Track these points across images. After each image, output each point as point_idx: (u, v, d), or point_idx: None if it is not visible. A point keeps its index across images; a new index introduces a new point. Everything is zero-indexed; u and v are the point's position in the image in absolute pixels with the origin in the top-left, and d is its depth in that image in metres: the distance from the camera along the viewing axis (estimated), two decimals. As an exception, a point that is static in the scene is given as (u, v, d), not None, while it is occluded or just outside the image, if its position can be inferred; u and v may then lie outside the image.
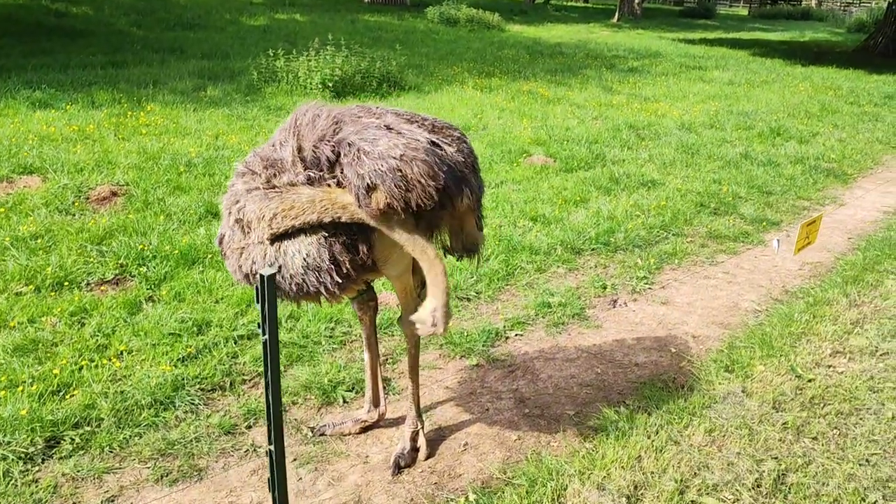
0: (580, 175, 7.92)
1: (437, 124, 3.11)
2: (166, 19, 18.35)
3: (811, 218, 4.56)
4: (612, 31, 28.30)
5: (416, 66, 14.28)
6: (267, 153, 2.89)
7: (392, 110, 3.04)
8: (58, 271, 4.79)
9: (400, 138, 2.71)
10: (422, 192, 2.65)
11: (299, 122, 2.89)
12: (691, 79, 16.11)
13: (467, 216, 3.20)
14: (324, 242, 2.77)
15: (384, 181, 2.62)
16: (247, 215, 2.80)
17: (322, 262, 2.76)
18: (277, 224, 2.74)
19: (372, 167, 2.63)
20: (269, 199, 2.77)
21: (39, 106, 8.87)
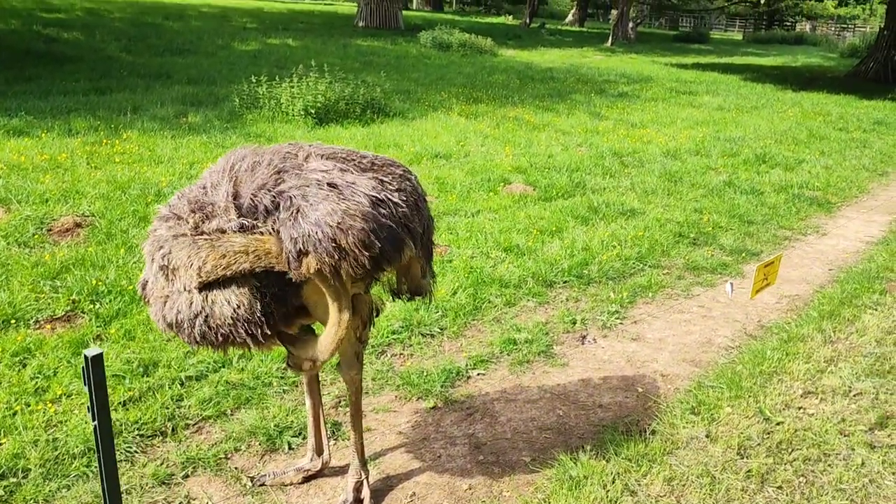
0: (559, 204, 7.80)
1: (377, 162, 3.01)
2: (157, 45, 18.36)
3: (769, 259, 4.42)
4: (606, 55, 28.39)
5: (404, 92, 14.23)
6: (196, 196, 2.77)
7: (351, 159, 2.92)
8: (5, 308, 4.64)
9: (341, 203, 2.60)
10: (353, 261, 2.58)
11: (236, 168, 2.78)
12: (681, 104, 16.07)
13: (412, 263, 3.10)
14: (255, 293, 2.65)
15: (316, 248, 2.53)
16: (172, 262, 2.66)
17: (253, 313, 2.64)
18: (207, 273, 2.61)
19: (306, 231, 2.54)
20: (198, 246, 2.64)
21: (14, 134, 8.76)
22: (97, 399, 2.11)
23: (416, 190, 3.13)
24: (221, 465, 3.52)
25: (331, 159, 2.85)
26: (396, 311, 5.03)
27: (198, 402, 3.91)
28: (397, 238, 2.76)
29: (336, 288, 2.64)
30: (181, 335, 2.69)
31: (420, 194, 3.17)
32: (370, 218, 2.63)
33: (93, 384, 2.09)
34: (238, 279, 2.63)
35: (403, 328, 4.89)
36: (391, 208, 2.81)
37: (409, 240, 2.87)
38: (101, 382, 2.10)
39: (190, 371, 4.16)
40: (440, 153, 9.46)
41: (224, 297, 2.63)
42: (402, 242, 2.81)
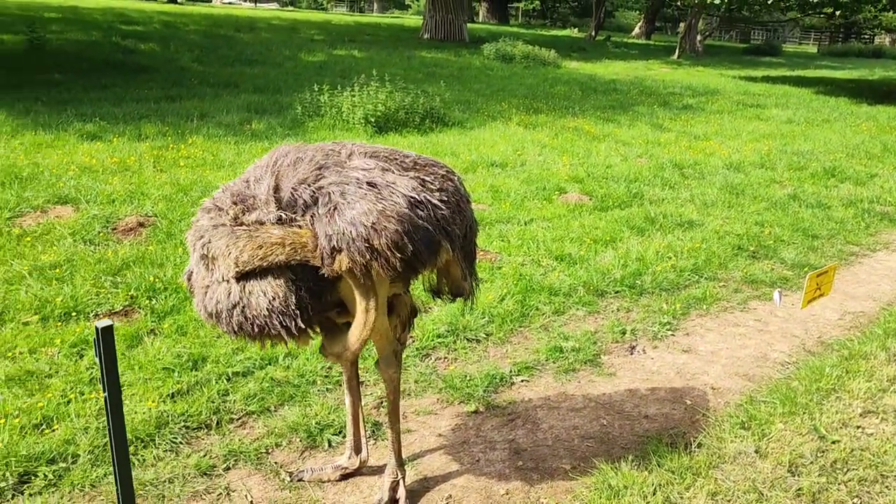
0: (614, 214, 7.69)
1: (419, 161, 3.02)
2: (227, 56, 18.90)
3: (823, 268, 4.25)
4: (672, 67, 27.95)
5: (464, 102, 14.29)
6: (238, 189, 2.83)
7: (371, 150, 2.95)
8: (68, 301, 4.83)
9: (378, 203, 2.62)
10: (385, 262, 2.59)
11: (279, 163, 2.83)
12: (747, 117, 15.68)
13: (451, 265, 3.09)
14: (290, 285, 2.68)
15: (349, 247, 2.56)
16: (212, 252, 2.73)
17: (288, 305, 2.68)
18: (244, 262, 2.66)
19: (341, 229, 2.57)
20: (236, 236, 2.70)
21: (88, 138, 9.14)
22: (107, 371, 2.17)
23: (459, 191, 3.12)
24: (262, 459, 3.57)
25: (373, 158, 2.87)
26: (443, 315, 5.03)
27: (243, 398, 3.99)
28: (432, 241, 2.76)
29: (366, 287, 2.65)
30: (220, 325, 2.75)
31: (462, 195, 3.16)
32: (406, 220, 2.64)
33: (103, 356, 2.14)
34: (274, 271, 2.67)
35: (449, 332, 4.89)
36: (430, 210, 2.80)
37: (447, 242, 2.86)
38: (111, 354, 2.16)
39: (237, 367, 4.24)
40: (496, 162, 9.45)
41: (260, 289, 2.68)
42: (438, 245, 2.80)
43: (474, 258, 3.37)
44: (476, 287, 3.43)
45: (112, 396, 2.19)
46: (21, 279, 5.11)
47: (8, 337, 4.37)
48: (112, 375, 2.17)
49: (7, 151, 8.23)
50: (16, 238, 5.84)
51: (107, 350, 2.13)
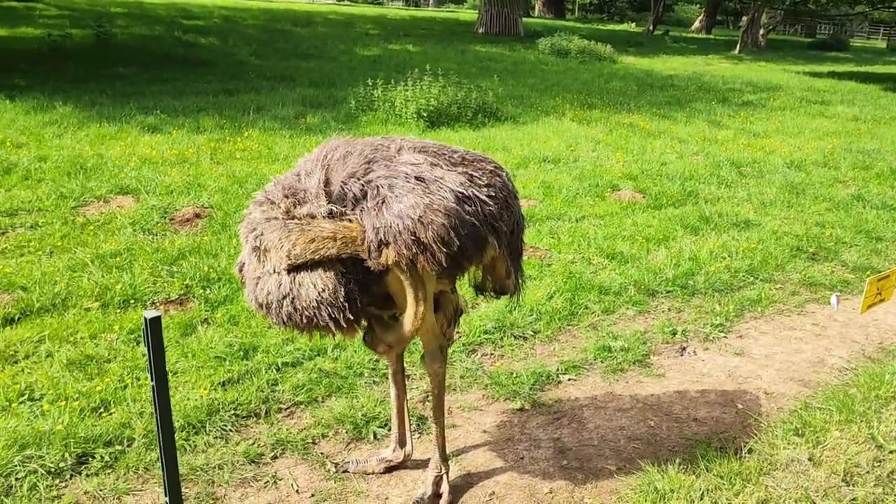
0: (668, 212, 7.56)
1: (467, 157, 3.02)
2: (284, 49, 19.19)
3: (885, 272, 4.10)
4: (733, 63, 27.30)
5: (517, 97, 14.21)
6: (290, 182, 2.87)
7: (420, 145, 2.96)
8: (127, 289, 4.98)
9: (426, 197, 2.64)
10: (431, 256, 2.60)
11: (329, 157, 2.86)
12: (811, 114, 15.22)
13: (497, 262, 3.09)
14: (340, 278, 2.71)
15: (396, 240, 2.58)
16: (264, 244, 2.78)
17: (336, 297, 2.70)
18: (296, 255, 2.70)
19: (388, 222, 2.59)
20: (288, 229, 2.74)
21: (149, 130, 9.38)
22: (155, 359, 2.23)
23: (507, 186, 3.12)
24: (308, 449, 3.62)
25: (422, 153, 2.88)
26: (490, 312, 5.03)
27: (291, 388, 4.05)
28: (479, 237, 2.76)
29: (414, 279, 2.67)
30: (270, 315, 2.79)
31: (510, 191, 3.15)
32: (453, 214, 2.64)
33: (151, 345, 2.20)
34: (324, 264, 2.70)
35: (496, 328, 4.88)
36: (478, 205, 2.80)
37: (493, 239, 2.86)
38: (159, 343, 2.23)
39: (286, 357, 4.31)
40: (548, 157, 9.38)
41: (310, 280, 2.71)
42: (484, 241, 2.80)
43: (521, 255, 3.36)
44: (522, 284, 3.42)
45: (159, 384, 2.25)
46: (84, 267, 5.28)
47: (70, 322, 4.53)
48: (159, 364, 2.23)
49: (73, 143, 8.51)
50: (80, 227, 6.04)
51: (155, 339, 2.19)
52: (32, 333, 4.38)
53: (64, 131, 9.03)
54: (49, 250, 5.58)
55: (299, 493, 3.33)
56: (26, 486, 3.18)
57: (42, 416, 3.61)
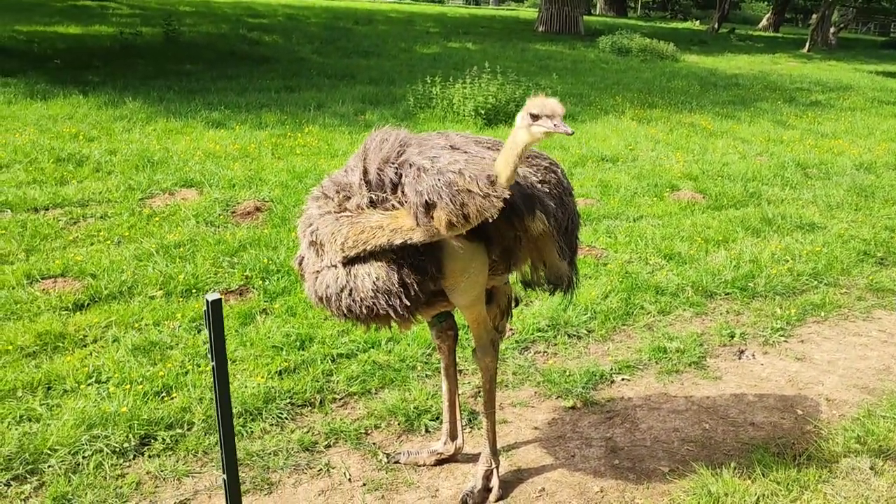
0: (729, 213, 7.41)
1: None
2: (345, 47, 19.41)
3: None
4: (801, 61, 26.50)
5: (576, 95, 14.10)
6: (339, 178, 2.93)
7: (473, 138, 2.98)
8: (190, 279, 5.13)
9: (463, 155, 2.66)
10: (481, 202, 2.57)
11: (368, 147, 2.90)
12: (883, 115, 14.68)
13: (546, 244, 3.03)
14: (392, 265, 2.74)
15: (441, 196, 2.58)
16: (320, 238, 2.84)
17: (391, 284, 2.73)
18: (349, 247, 2.75)
19: (430, 183, 2.61)
20: (339, 223, 2.79)
21: (213, 126, 9.63)
22: (215, 340, 2.31)
23: (562, 183, 3.12)
24: (361, 439, 3.68)
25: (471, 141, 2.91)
26: (543, 310, 5.01)
27: (345, 379, 4.12)
28: (528, 194, 2.79)
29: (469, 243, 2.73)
30: (330, 308, 2.84)
31: (565, 187, 3.16)
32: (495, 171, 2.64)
33: (212, 327, 2.27)
34: (377, 254, 2.74)
35: (549, 326, 4.87)
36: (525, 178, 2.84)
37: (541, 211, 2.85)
38: (219, 325, 2.30)
39: (341, 349, 4.38)
40: (607, 156, 9.29)
41: (364, 271, 2.75)
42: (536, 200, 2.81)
43: (576, 252, 3.35)
44: (577, 282, 3.41)
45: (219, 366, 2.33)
46: (149, 256, 5.46)
47: (136, 309, 4.69)
48: (220, 346, 2.31)
49: (141, 137, 8.80)
50: (146, 218, 6.24)
51: (216, 322, 2.27)
52: (100, 319, 4.55)
53: (133, 126, 9.34)
54: (117, 240, 5.79)
55: (351, 481, 3.39)
56: (92, 465, 3.32)
57: (108, 398, 3.76)
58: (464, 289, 2.89)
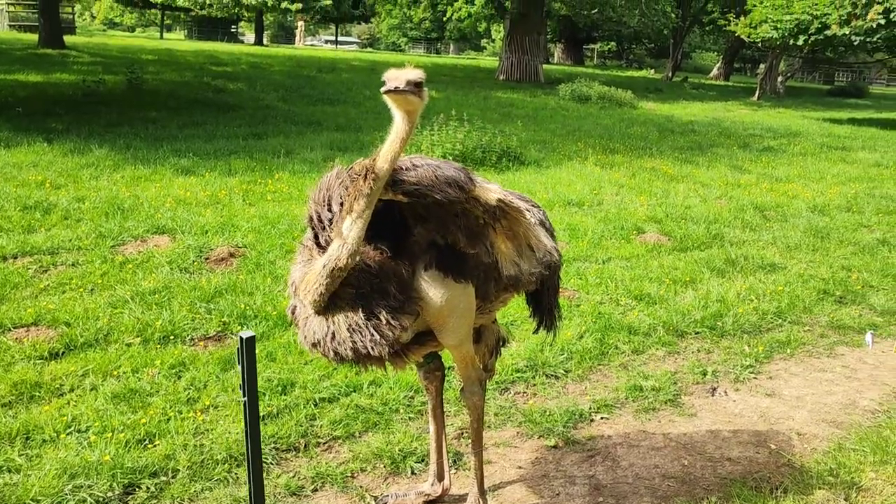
0: (694, 255, 7.63)
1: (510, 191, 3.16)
2: (310, 95, 19.62)
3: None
4: (752, 109, 27.49)
5: (540, 142, 14.42)
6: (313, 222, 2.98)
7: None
8: (167, 325, 5.10)
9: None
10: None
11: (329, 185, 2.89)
12: (832, 160, 15.29)
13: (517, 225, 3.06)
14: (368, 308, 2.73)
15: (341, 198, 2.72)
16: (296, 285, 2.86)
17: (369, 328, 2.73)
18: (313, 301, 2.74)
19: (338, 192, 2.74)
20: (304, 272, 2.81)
21: (182, 172, 9.63)
22: (248, 377, 2.36)
23: (545, 223, 3.24)
24: (348, 483, 3.68)
25: None
26: (521, 351, 5.09)
27: (329, 423, 4.13)
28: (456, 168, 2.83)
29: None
30: (324, 354, 2.85)
31: (548, 228, 3.28)
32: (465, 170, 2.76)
33: (245, 363, 2.32)
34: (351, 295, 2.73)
35: (528, 367, 4.94)
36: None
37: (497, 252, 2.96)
38: (252, 362, 2.36)
39: (323, 393, 4.39)
40: (573, 201, 9.50)
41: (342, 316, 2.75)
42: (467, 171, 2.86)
43: (558, 291, 3.47)
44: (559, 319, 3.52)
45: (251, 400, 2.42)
46: (124, 303, 5.43)
47: (113, 357, 4.65)
48: (252, 382, 2.39)
49: (110, 184, 8.76)
50: (119, 265, 6.20)
51: (248, 358, 2.35)
52: (77, 367, 4.50)
53: (100, 173, 9.29)
54: (90, 287, 5.73)
55: (340, 525, 3.39)
56: (76, 514, 3.27)
57: (89, 447, 3.71)
58: (452, 328, 2.95)
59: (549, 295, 3.48)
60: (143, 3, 54.24)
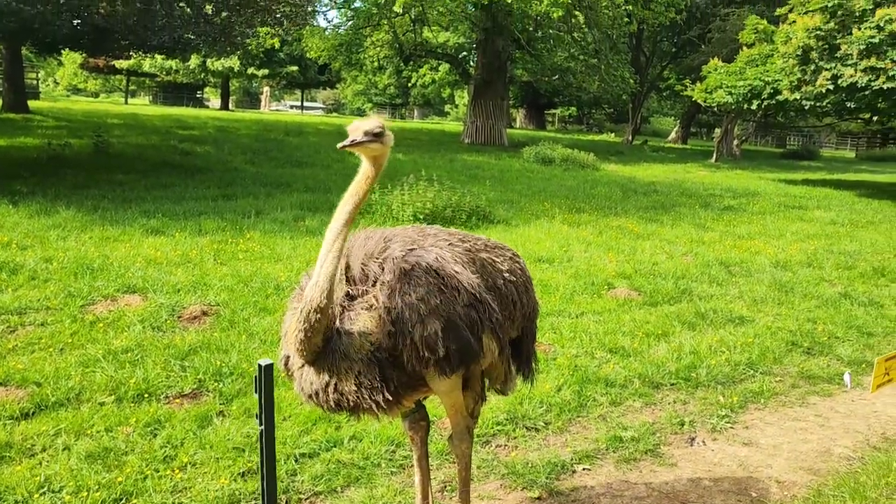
0: (664, 309, 7.75)
1: (489, 244, 3.23)
2: (278, 158, 19.74)
3: (891, 353, 4.26)
4: (710, 170, 28.29)
5: (507, 202, 14.65)
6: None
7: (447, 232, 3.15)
8: (141, 383, 5.01)
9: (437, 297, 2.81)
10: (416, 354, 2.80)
11: (351, 244, 3.02)
12: (790, 218, 15.75)
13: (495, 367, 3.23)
14: (373, 359, 2.81)
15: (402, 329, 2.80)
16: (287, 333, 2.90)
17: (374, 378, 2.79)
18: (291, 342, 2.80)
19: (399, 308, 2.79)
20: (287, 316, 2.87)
21: (152, 233, 9.57)
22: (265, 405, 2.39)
23: (525, 272, 3.32)
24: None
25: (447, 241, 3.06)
26: (501, 404, 5.09)
27: (310, 478, 4.06)
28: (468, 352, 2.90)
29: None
30: (320, 404, 2.86)
31: (528, 277, 3.35)
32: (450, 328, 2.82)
33: (263, 391, 2.34)
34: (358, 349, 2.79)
35: (508, 420, 4.94)
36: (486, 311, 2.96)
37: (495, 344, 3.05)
38: (269, 390, 2.40)
39: (304, 448, 4.33)
40: (543, 258, 9.63)
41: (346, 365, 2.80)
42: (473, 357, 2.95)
43: (535, 339, 3.53)
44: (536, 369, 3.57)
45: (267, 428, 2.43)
46: (96, 362, 5.32)
47: (86, 416, 4.54)
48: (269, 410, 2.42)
49: (78, 245, 8.66)
50: (89, 324, 6.10)
51: (266, 386, 2.38)
52: (48, 427, 4.38)
53: (68, 234, 9.19)
54: (60, 347, 5.62)
55: (325, 582, 3.31)
56: (50, 577, 3.15)
57: (63, 507, 3.59)
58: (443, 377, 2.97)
59: (528, 343, 3.53)
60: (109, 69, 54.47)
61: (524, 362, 3.49)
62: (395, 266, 2.81)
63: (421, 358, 2.75)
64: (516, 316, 3.24)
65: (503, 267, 3.15)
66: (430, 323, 2.73)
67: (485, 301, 2.96)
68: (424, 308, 2.74)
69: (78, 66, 59.22)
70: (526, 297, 3.23)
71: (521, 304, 3.21)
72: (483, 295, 2.96)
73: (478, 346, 2.92)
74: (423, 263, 2.85)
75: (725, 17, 38.73)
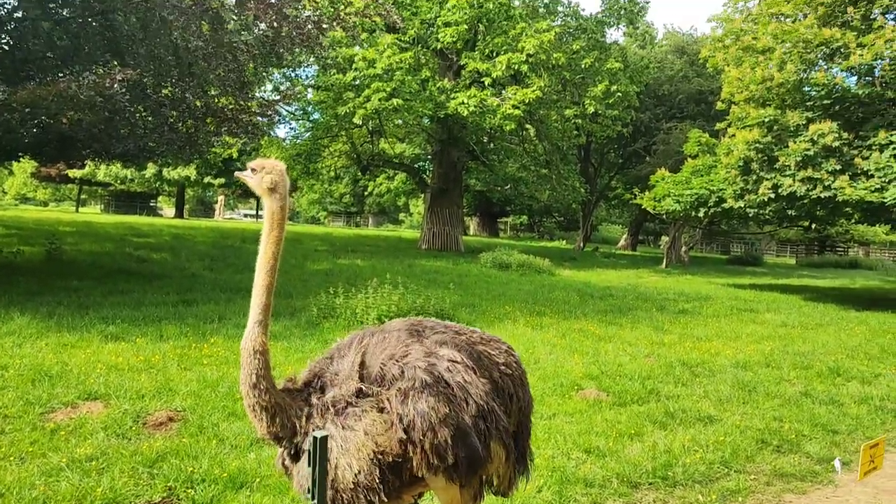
0: (634, 409, 7.79)
1: (484, 337, 3.29)
2: (237, 264, 19.66)
3: (874, 440, 4.36)
4: (661, 276, 29.06)
5: (469, 305, 14.76)
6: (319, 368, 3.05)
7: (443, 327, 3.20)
8: (108, 492, 4.80)
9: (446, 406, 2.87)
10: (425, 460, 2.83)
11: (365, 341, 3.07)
12: (743, 320, 16.17)
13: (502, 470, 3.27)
14: (374, 460, 2.80)
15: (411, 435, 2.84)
16: None
17: (372, 479, 2.78)
18: None
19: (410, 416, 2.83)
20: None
21: (111, 339, 9.34)
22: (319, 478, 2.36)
23: (520, 365, 3.37)
24: None
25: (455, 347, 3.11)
26: (484, 506, 4.99)
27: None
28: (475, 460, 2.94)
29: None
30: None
31: (522, 370, 3.40)
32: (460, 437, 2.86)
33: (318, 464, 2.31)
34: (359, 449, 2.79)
35: (492, 523, 4.83)
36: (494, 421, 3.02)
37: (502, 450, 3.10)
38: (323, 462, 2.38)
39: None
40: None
41: (345, 462, 2.79)
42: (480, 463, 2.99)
43: (530, 433, 3.54)
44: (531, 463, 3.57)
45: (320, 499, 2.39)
46: (60, 471, 5.09)
47: (51, 527, 4.31)
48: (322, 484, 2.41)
49: (34, 351, 8.40)
50: (49, 432, 5.86)
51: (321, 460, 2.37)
52: (10, 540, 4.14)
53: (23, 340, 8.91)
54: (21, 456, 5.37)
55: None
56: None
57: None
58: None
59: (524, 438, 3.54)
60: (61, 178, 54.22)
61: (520, 458, 3.48)
62: (415, 375, 2.87)
63: (431, 465, 2.77)
64: (512, 410, 3.26)
65: (499, 360, 3.20)
66: (440, 431, 2.78)
67: (493, 410, 3.02)
68: (436, 417, 2.78)
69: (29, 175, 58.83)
70: (521, 391, 3.27)
71: (517, 397, 3.24)
72: (492, 404, 3.03)
73: (485, 452, 2.96)
74: (435, 373, 2.91)
75: (668, 130, 40.87)
